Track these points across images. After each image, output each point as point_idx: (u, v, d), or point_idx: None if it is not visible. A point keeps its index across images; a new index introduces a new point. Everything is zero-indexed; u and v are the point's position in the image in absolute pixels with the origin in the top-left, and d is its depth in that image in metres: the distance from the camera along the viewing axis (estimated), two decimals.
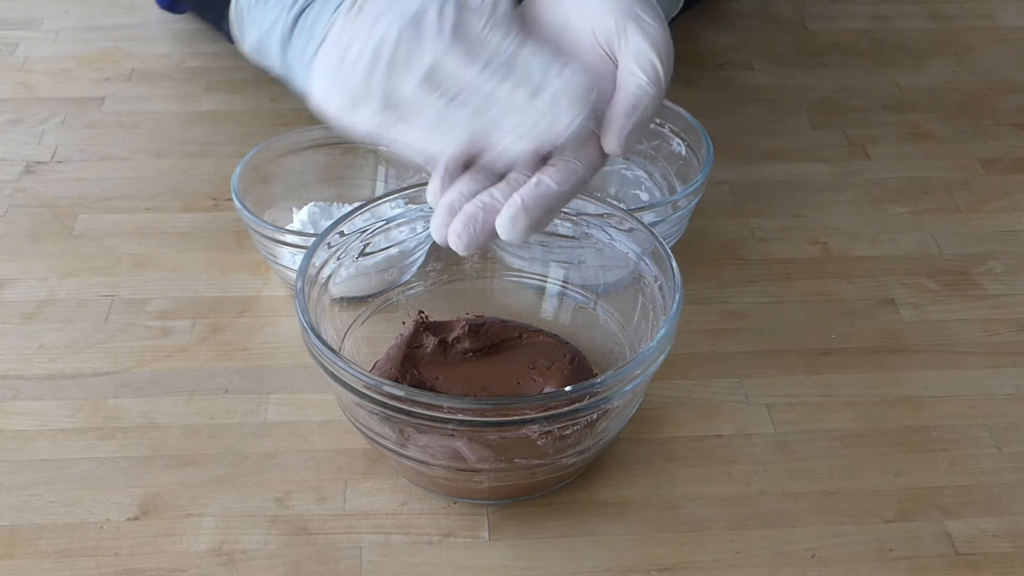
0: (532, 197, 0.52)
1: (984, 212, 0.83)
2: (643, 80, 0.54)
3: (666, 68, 0.55)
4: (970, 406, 0.68)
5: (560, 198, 0.53)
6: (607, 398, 0.56)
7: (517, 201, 0.52)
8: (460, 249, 0.53)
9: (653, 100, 0.54)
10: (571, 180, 0.53)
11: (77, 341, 0.71)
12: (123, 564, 0.58)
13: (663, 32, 0.56)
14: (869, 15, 1.08)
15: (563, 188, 0.52)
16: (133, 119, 0.91)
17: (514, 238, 0.52)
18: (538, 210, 0.52)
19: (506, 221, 0.52)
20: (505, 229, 0.52)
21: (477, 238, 0.53)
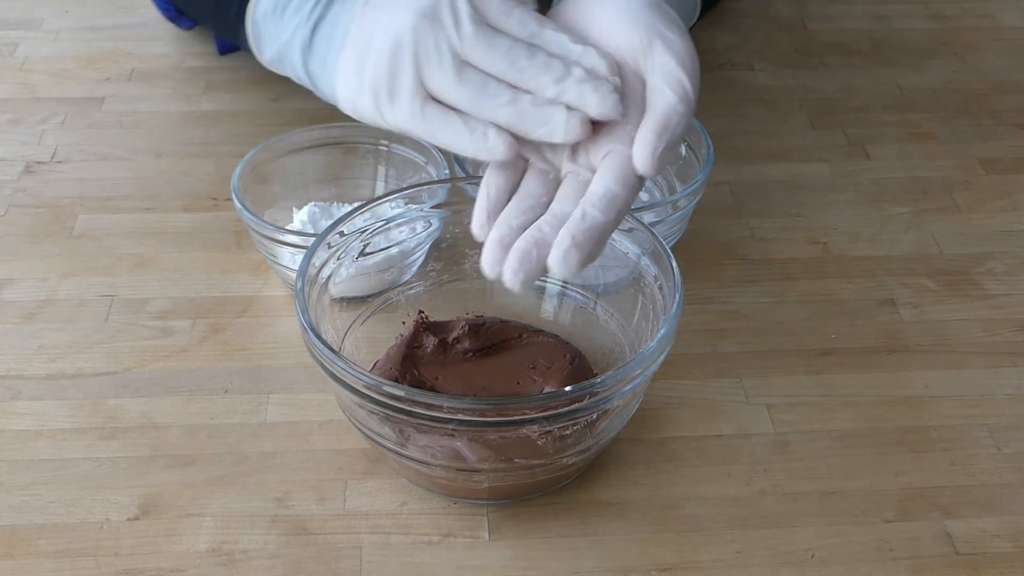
0: (581, 231, 0.52)
1: (984, 212, 0.83)
2: (672, 99, 0.53)
3: (694, 84, 0.54)
4: (970, 406, 0.68)
5: (607, 228, 0.52)
6: (607, 398, 0.56)
7: (568, 238, 0.52)
8: (516, 287, 0.52)
9: (683, 118, 0.53)
10: (615, 208, 0.53)
11: (77, 341, 0.71)
12: (123, 564, 0.58)
13: (688, 47, 0.55)
14: (869, 15, 1.08)
15: (608, 218, 0.52)
16: (133, 119, 0.91)
17: (567, 274, 0.52)
18: (588, 244, 0.52)
19: (559, 258, 0.52)
20: (558, 265, 0.52)
21: (533, 275, 0.52)
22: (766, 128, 0.92)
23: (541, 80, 0.54)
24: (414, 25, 0.55)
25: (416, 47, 0.54)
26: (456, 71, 0.54)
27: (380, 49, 0.55)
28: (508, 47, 0.54)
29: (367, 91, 0.57)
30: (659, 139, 0.53)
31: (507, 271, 0.52)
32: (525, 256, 0.52)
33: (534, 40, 0.55)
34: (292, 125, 0.80)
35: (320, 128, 0.78)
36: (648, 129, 0.53)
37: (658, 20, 0.56)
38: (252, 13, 0.66)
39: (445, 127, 0.55)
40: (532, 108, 0.53)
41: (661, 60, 0.54)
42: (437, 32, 0.54)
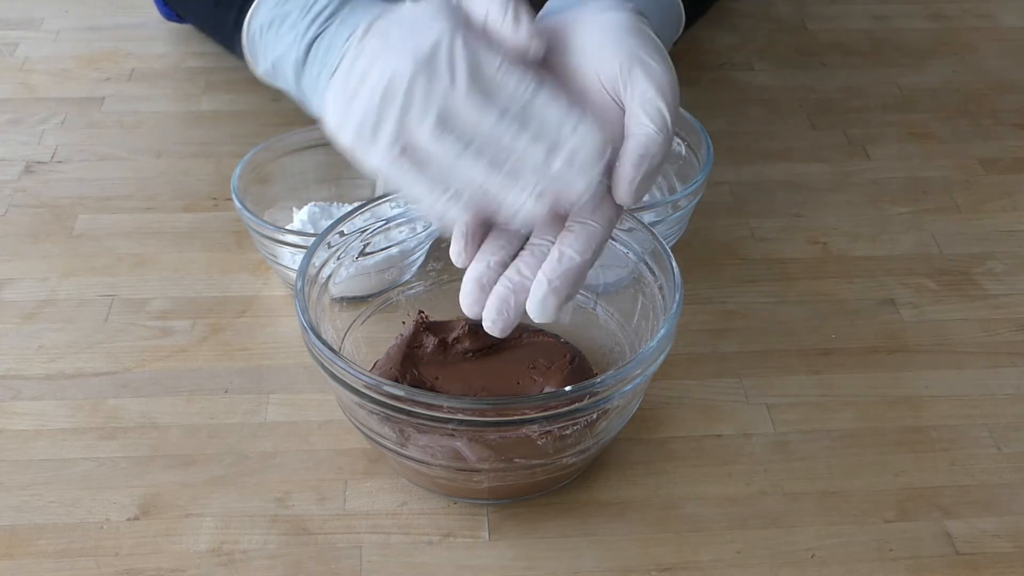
0: (558, 275, 0.52)
1: (984, 212, 0.83)
2: (651, 128, 0.53)
3: (672, 112, 0.54)
4: (970, 406, 0.68)
5: (584, 267, 0.53)
6: (607, 398, 0.56)
7: (544, 283, 0.52)
8: (496, 333, 0.54)
9: (661, 148, 0.53)
10: (592, 245, 0.53)
11: (77, 341, 0.71)
12: (123, 564, 0.58)
13: (668, 74, 0.55)
14: (869, 15, 1.08)
15: (585, 257, 0.53)
16: (133, 119, 0.91)
17: (546, 318, 0.53)
18: (565, 288, 0.52)
19: (536, 304, 0.52)
20: (536, 312, 0.53)
21: (512, 321, 0.53)
22: (766, 128, 0.92)
23: (518, 165, 0.52)
24: (410, 74, 0.52)
25: (407, 96, 0.53)
26: (437, 130, 0.52)
27: (372, 89, 0.53)
28: (495, 120, 0.52)
29: (351, 126, 0.55)
30: (637, 170, 0.53)
31: (486, 319, 0.53)
32: (503, 304, 0.53)
33: (527, 110, 0.52)
34: (292, 125, 0.80)
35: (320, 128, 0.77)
36: (627, 160, 0.53)
37: (639, 45, 0.55)
38: (248, 25, 0.66)
39: (412, 183, 0.53)
40: (500, 191, 0.52)
41: (641, 87, 0.54)
42: (430, 85, 0.52)
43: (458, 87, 0.52)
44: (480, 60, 0.52)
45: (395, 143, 0.53)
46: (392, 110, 0.53)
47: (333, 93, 0.57)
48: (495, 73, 0.52)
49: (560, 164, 0.51)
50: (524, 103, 0.52)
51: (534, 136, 0.52)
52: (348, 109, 0.55)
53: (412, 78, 0.52)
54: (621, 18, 0.56)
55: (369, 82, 0.54)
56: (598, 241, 0.53)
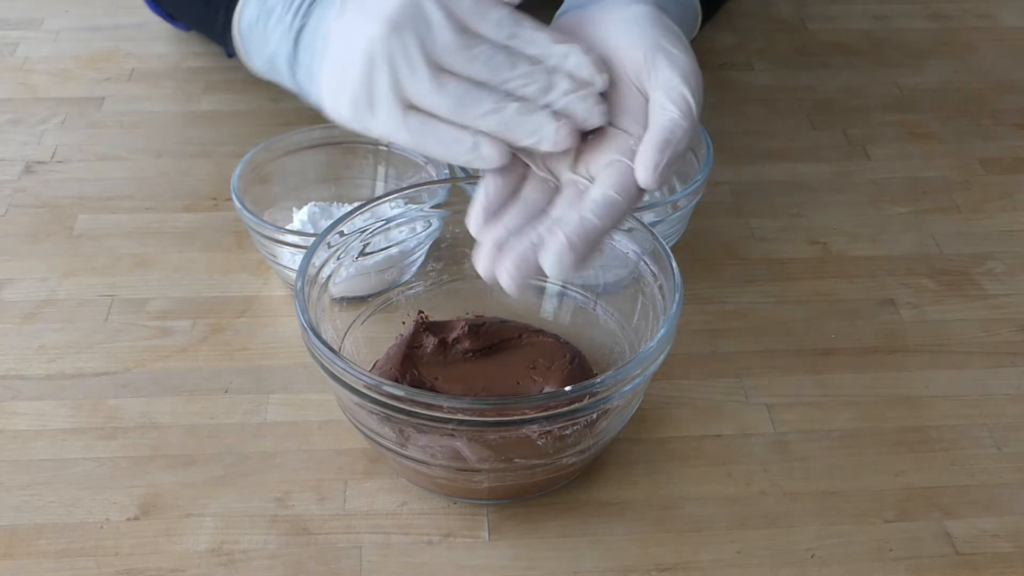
0: (577, 233, 0.52)
1: (984, 212, 0.83)
2: (675, 114, 0.53)
3: (697, 99, 0.54)
4: (970, 406, 0.68)
5: (602, 233, 0.52)
6: (607, 398, 0.56)
7: (562, 239, 0.51)
8: (511, 289, 0.52)
9: (686, 133, 0.53)
10: (612, 214, 0.52)
11: (77, 341, 0.71)
12: (123, 564, 0.58)
13: (692, 62, 0.55)
14: (869, 15, 1.08)
15: (605, 224, 0.52)
16: (133, 119, 0.91)
17: (561, 274, 0.52)
18: (583, 246, 0.52)
19: (553, 258, 0.51)
20: (552, 266, 0.52)
21: (528, 277, 0.52)
22: (766, 128, 0.92)
23: (526, 92, 0.53)
24: (385, 35, 0.53)
25: (389, 57, 0.53)
26: (433, 80, 0.53)
27: (354, 60, 0.54)
28: (488, 55, 0.53)
29: (347, 102, 0.55)
30: (661, 154, 0.52)
31: (503, 273, 0.52)
32: (521, 259, 0.52)
33: (514, 42, 0.53)
34: (292, 125, 0.80)
35: (320, 128, 0.78)
36: (650, 144, 0.53)
37: (661, 35, 0.55)
38: (238, 23, 0.66)
39: (432, 137, 0.54)
40: (519, 117, 0.53)
41: (664, 75, 0.54)
42: (408, 41, 0.53)
43: (438, 35, 0.53)
44: (453, 6, 0.53)
45: (395, 106, 0.54)
46: (380, 73, 0.53)
47: (326, 76, 0.57)
48: (471, 14, 0.53)
49: (565, 84, 0.53)
50: (510, 33, 0.53)
51: (531, 62, 0.53)
52: (341, 87, 0.55)
53: (388, 38, 0.53)
54: (643, 11, 0.56)
55: (350, 54, 0.54)
56: (618, 212, 0.53)
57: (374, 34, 0.53)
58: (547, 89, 0.53)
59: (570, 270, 0.52)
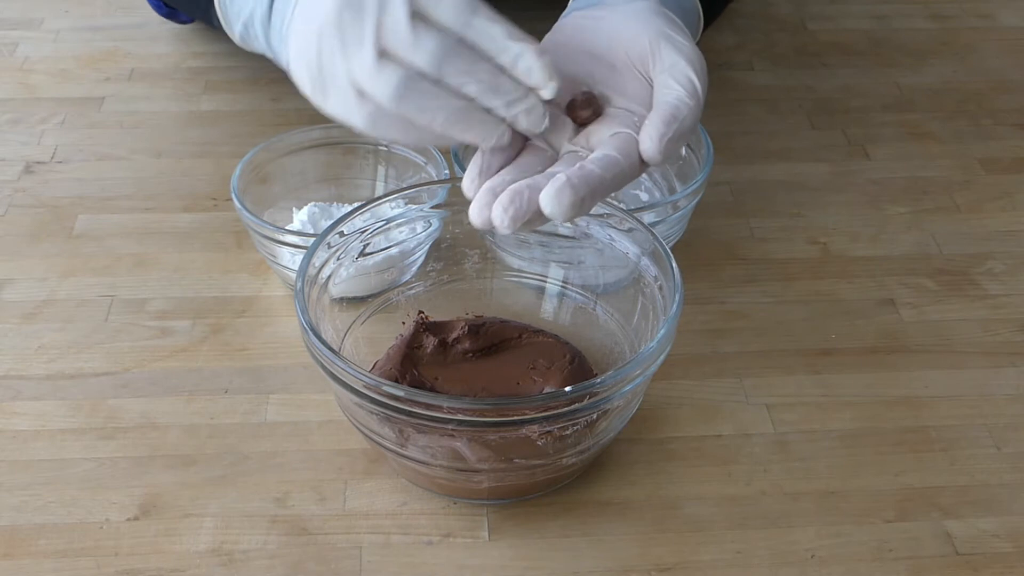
0: (577, 176, 0.51)
1: (984, 212, 0.83)
2: (680, 91, 0.53)
3: (702, 83, 0.54)
4: (970, 406, 0.68)
5: (603, 183, 0.51)
6: (607, 398, 0.56)
7: (562, 177, 0.51)
8: (504, 225, 0.51)
9: (691, 111, 0.53)
10: (613, 169, 0.52)
11: (77, 341, 0.71)
12: (123, 564, 0.58)
13: (696, 51, 0.56)
14: (869, 15, 1.08)
15: (606, 174, 0.52)
16: (133, 119, 0.91)
17: (558, 213, 0.50)
18: (583, 188, 0.50)
19: (551, 194, 0.50)
20: (550, 203, 0.50)
21: (522, 214, 0.51)
22: (766, 128, 0.92)
23: (468, 91, 0.51)
24: (336, 10, 0.51)
25: (341, 35, 0.51)
26: (374, 65, 0.50)
27: (308, 36, 0.52)
28: (434, 47, 0.50)
29: (307, 79, 0.54)
30: (667, 127, 0.52)
31: (496, 207, 0.51)
32: (516, 195, 0.51)
33: (468, 31, 0.51)
34: (292, 125, 0.80)
35: (320, 128, 0.78)
36: (655, 117, 0.53)
37: (665, 25, 0.56)
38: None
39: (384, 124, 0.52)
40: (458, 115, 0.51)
41: (669, 59, 0.55)
42: (358, 20, 0.50)
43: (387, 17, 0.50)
44: None
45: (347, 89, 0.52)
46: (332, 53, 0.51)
47: (292, 44, 0.56)
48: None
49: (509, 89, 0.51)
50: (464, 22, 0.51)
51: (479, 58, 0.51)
52: (300, 61, 0.54)
53: (340, 14, 0.51)
54: (646, 6, 0.58)
55: (306, 29, 0.53)
56: (619, 170, 0.52)
57: (327, 9, 0.51)
58: (492, 91, 0.51)
59: (567, 210, 0.50)
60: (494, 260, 0.70)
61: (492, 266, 0.70)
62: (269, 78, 0.95)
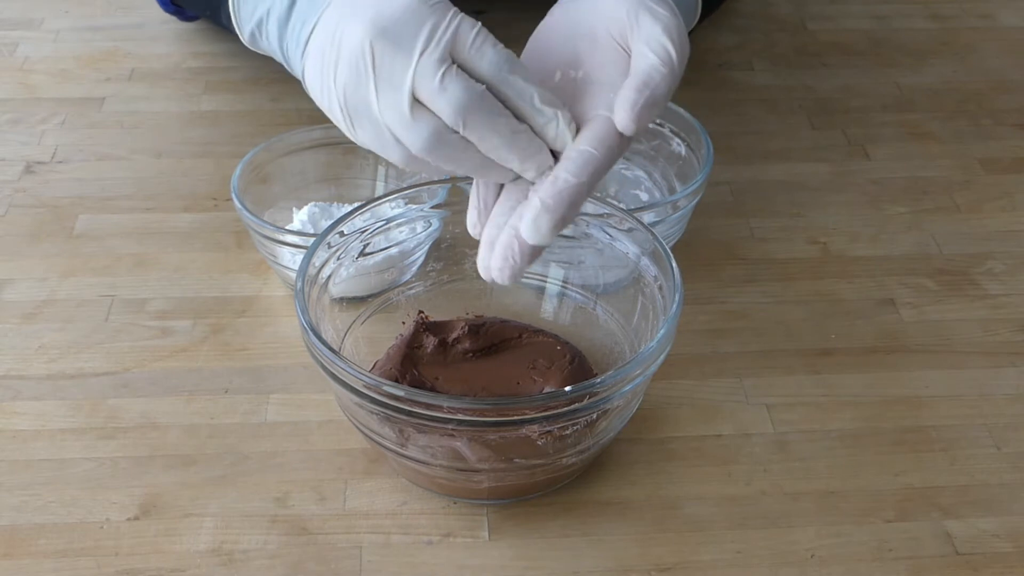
0: (550, 195, 0.51)
1: (984, 212, 0.83)
2: (654, 59, 0.53)
3: (679, 51, 0.54)
4: (970, 406, 0.68)
5: (580, 189, 0.52)
6: (607, 398, 0.56)
7: (536, 203, 0.51)
8: (504, 279, 0.53)
9: (665, 79, 0.53)
10: (588, 169, 0.52)
11: (77, 341, 0.71)
12: (123, 564, 0.58)
13: (675, 19, 0.55)
14: (869, 15, 1.08)
15: (581, 179, 0.52)
16: (133, 119, 0.91)
17: (540, 239, 0.52)
18: (560, 207, 0.51)
19: (527, 224, 0.51)
20: (529, 231, 0.51)
21: (518, 266, 0.52)
22: (766, 128, 0.92)
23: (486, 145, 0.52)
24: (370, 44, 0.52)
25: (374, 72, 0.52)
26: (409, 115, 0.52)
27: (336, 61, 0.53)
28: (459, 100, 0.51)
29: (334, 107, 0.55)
30: (638, 94, 0.52)
31: (493, 270, 0.53)
32: (506, 248, 0.52)
33: (502, 86, 0.52)
34: (292, 125, 0.80)
35: (320, 128, 0.78)
36: (627, 87, 0.53)
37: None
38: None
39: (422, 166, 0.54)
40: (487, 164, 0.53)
41: (646, 29, 0.54)
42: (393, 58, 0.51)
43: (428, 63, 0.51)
44: (454, 31, 0.52)
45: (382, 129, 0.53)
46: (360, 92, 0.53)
47: (310, 58, 0.56)
48: (468, 48, 0.52)
49: (542, 160, 0.53)
50: (500, 79, 0.52)
51: (510, 115, 0.52)
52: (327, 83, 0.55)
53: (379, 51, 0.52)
54: None
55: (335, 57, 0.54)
56: (595, 166, 0.52)
57: (358, 37, 0.52)
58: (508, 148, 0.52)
59: (549, 234, 0.52)
60: None
61: None
62: (269, 78, 0.95)
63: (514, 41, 0.56)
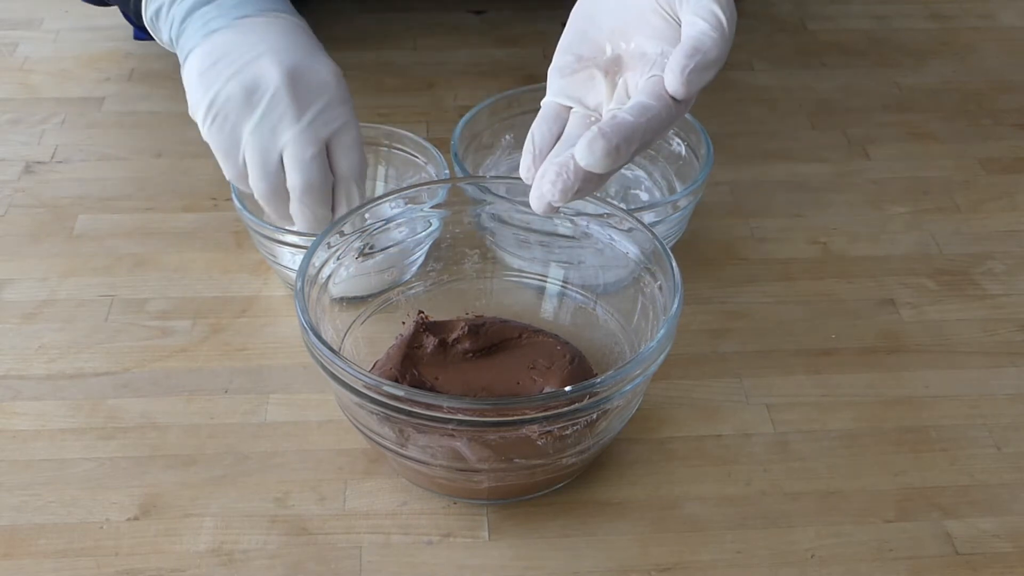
0: (608, 125, 0.52)
1: (984, 212, 0.83)
2: (704, 25, 0.53)
3: (728, 16, 0.54)
4: (970, 406, 0.68)
5: (637, 130, 0.52)
6: (607, 398, 0.56)
7: (593, 130, 0.52)
8: (556, 197, 0.53)
9: (716, 44, 0.53)
10: (646, 114, 0.52)
11: (77, 341, 0.71)
12: (123, 564, 0.58)
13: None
14: (869, 15, 1.08)
15: (638, 120, 0.52)
16: (133, 119, 0.91)
17: (593, 162, 0.51)
18: (615, 136, 0.51)
19: (584, 146, 0.51)
20: (583, 153, 0.51)
21: (571, 184, 0.52)
22: (766, 128, 0.92)
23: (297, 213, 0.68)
24: (282, 84, 0.65)
25: (268, 110, 0.66)
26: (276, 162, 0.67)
27: (242, 81, 0.65)
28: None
29: (207, 102, 0.67)
30: (688, 59, 0.53)
31: (545, 184, 0.53)
32: (562, 167, 0.52)
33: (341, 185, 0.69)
34: None
35: None
36: (678, 52, 0.53)
37: None
38: None
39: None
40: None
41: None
42: (290, 110, 0.65)
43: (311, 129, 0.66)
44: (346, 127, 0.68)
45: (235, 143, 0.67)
46: (249, 117, 0.65)
47: (196, 60, 0.68)
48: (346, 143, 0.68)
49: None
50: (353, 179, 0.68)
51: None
52: (203, 87, 0.67)
53: (277, 93, 0.65)
54: None
55: (238, 75, 0.66)
56: (652, 114, 0.53)
57: (270, 78, 0.65)
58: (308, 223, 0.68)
59: (602, 159, 0.51)
60: (494, 260, 0.70)
61: (492, 266, 0.70)
62: None
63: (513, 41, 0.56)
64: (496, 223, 0.68)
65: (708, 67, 0.53)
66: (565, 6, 0.65)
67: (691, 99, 0.54)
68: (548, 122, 0.56)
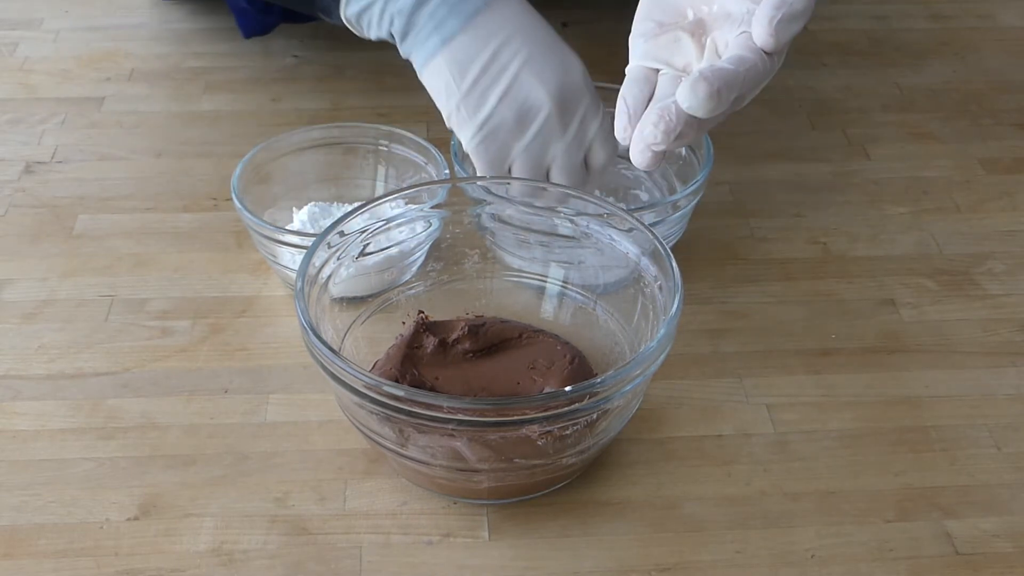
0: (709, 71, 0.53)
1: (984, 212, 0.83)
2: None
3: None
4: (970, 406, 0.68)
5: (736, 77, 0.53)
6: (607, 398, 0.56)
7: (695, 72, 0.53)
8: (658, 140, 0.54)
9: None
10: (744, 64, 0.53)
11: (77, 341, 0.71)
12: (123, 564, 0.58)
13: None
14: (869, 15, 1.08)
15: (739, 69, 0.53)
16: (133, 119, 0.91)
17: (695, 105, 0.52)
18: (716, 80, 0.52)
19: (686, 88, 0.52)
20: (685, 95, 0.52)
21: (673, 126, 0.53)
22: (766, 128, 0.92)
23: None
24: (553, 107, 0.66)
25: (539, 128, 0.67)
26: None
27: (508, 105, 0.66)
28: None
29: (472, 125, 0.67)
30: (776, 10, 0.53)
31: (648, 127, 0.54)
32: (664, 111, 0.53)
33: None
34: (292, 125, 0.80)
35: (320, 128, 0.78)
36: (764, 4, 0.54)
37: None
38: None
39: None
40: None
41: None
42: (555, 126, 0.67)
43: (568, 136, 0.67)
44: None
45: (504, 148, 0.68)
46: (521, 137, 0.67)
47: (434, 74, 0.68)
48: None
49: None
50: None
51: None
52: (470, 105, 0.67)
53: (549, 115, 0.66)
54: None
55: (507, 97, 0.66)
56: (749, 64, 0.54)
57: (538, 99, 0.66)
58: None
59: (705, 99, 0.52)
60: (494, 260, 0.70)
61: (492, 266, 0.70)
62: (269, 78, 0.95)
63: None
64: (496, 223, 0.68)
65: (795, 17, 0.54)
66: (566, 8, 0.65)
67: (782, 52, 0.55)
68: (638, 84, 0.58)
